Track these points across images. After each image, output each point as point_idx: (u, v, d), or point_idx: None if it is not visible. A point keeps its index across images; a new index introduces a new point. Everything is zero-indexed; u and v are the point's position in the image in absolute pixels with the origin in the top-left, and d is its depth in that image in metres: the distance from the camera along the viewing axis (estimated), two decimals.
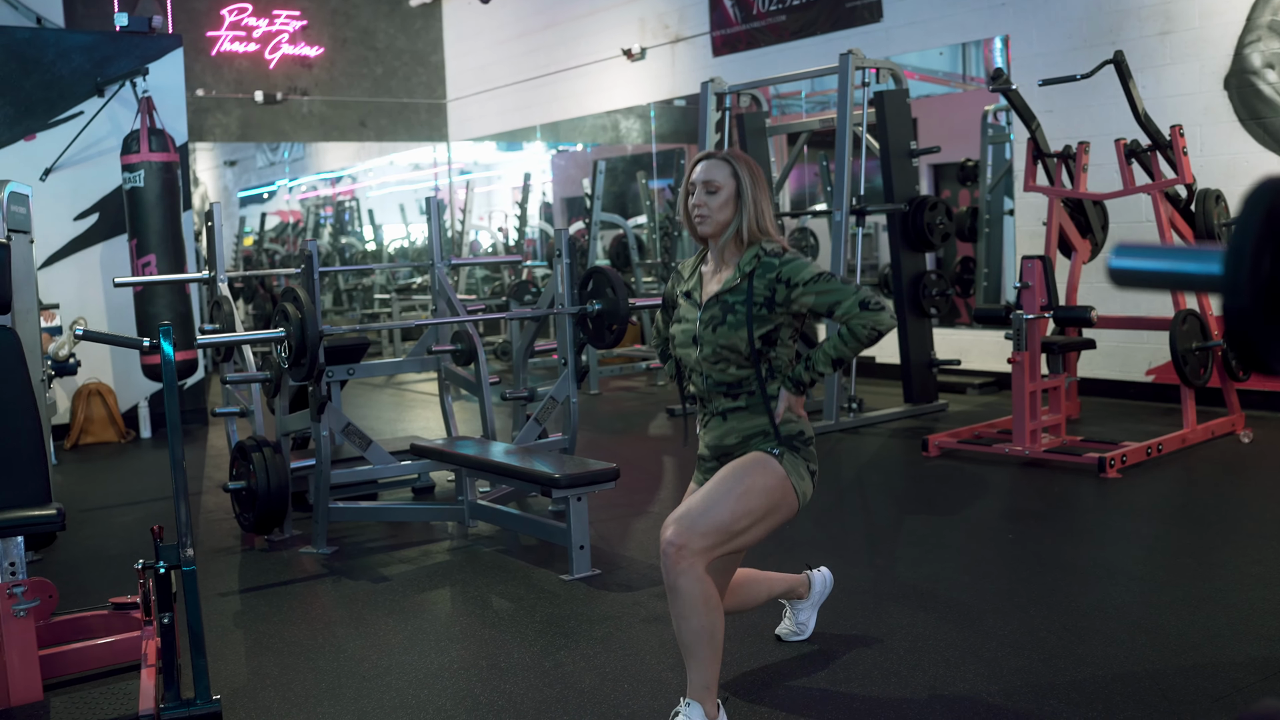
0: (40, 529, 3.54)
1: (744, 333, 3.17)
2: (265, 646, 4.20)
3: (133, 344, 4.12)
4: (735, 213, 3.24)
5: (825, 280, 3.14)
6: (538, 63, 14.03)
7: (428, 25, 15.34)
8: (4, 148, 8.91)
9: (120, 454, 8.58)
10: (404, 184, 17.85)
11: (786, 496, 3.21)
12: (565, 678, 3.74)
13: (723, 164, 3.25)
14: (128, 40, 9.35)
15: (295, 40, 14.44)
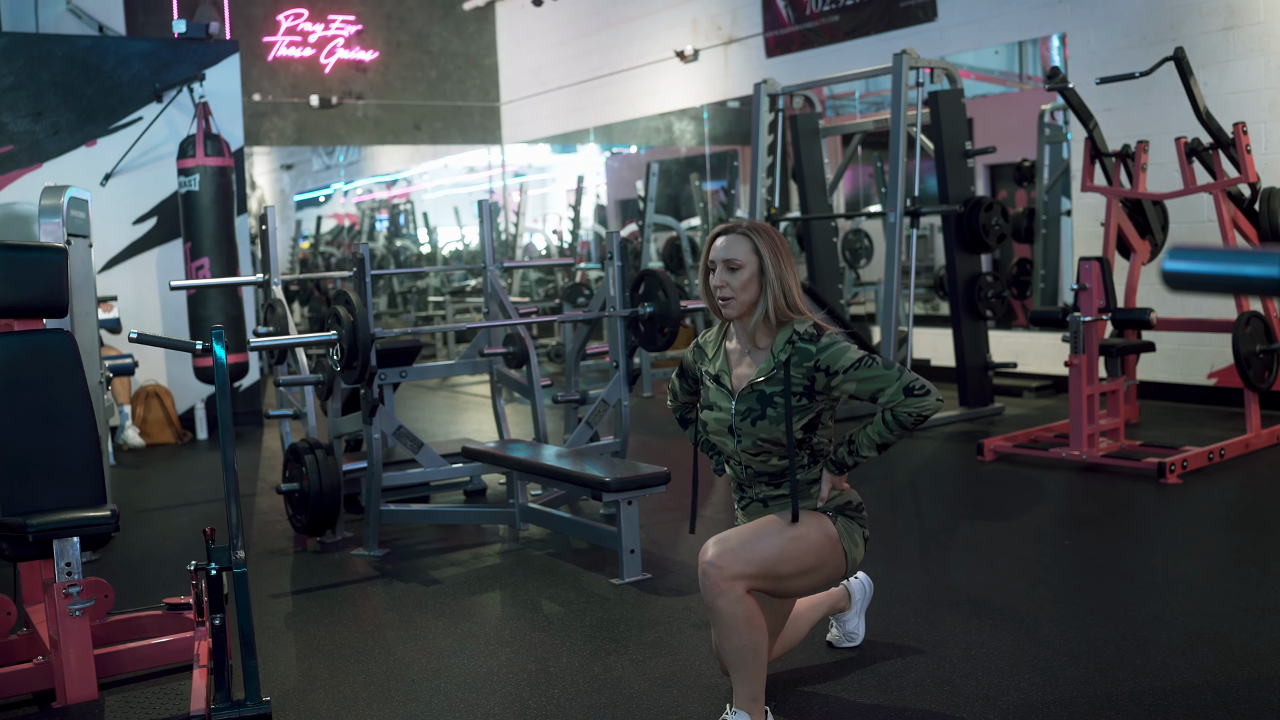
0: (95, 530, 3.58)
1: (784, 426, 3.08)
2: (316, 648, 4.22)
3: (185, 347, 4.15)
4: (760, 291, 3.10)
5: (867, 366, 3.04)
6: (591, 65, 14.03)
7: (481, 28, 15.39)
8: (66, 153, 9.04)
9: (176, 455, 8.66)
10: (458, 186, 17.92)
11: (835, 556, 3.17)
12: (614, 683, 3.72)
13: (742, 239, 3.11)
14: (186, 47, 9.45)
15: (350, 45, 14.53)
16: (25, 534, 3.50)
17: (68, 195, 5.73)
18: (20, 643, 4.13)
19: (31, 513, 3.61)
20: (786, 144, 9.22)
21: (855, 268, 10.89)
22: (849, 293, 10.62)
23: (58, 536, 3.53)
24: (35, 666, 3.90)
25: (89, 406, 3.89)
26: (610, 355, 5.76)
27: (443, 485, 6.37)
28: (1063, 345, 7.19)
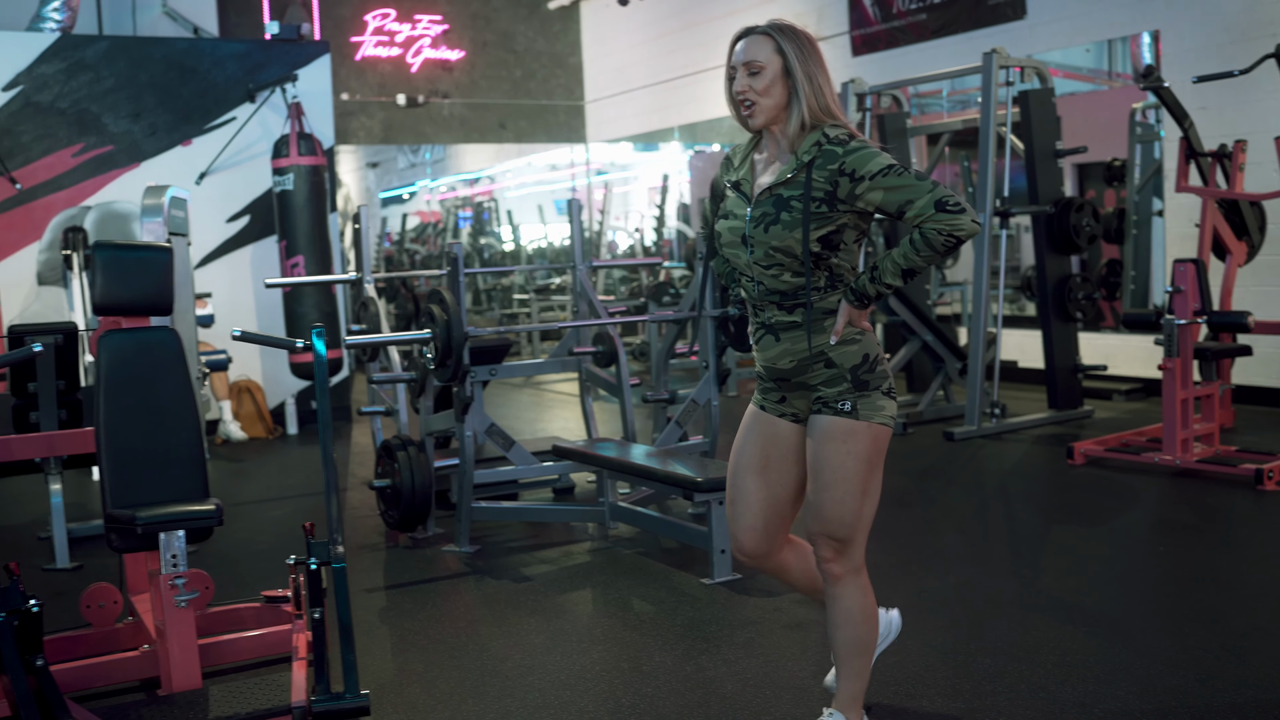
0: (200, 524, 3.66)
1: (799, 233, 2.77)
2: (410, 643, 4.28)
3: (286, 345, 4.23)
4: (787, 93, 2.80)
5: (897, 174, 2.71)
6: (675, 64, 14.04)
7: (566, 28, 15.46)
8: (163, 153, 9.24)
9: (268, 450, 8.81)
10: (541, 184, 18.02)
11: (879, 439, 2.90)
12: (707, 683, 3.74)
13: (764, 39, 2.80)
14: (278, 48, 9.62)
15: (437, 44, 14.67)
16: (134, 526, 3.58)
17: (169, 195, 5.87)
18: (126, 631, 4.25)
19: (138, 506, 3.69)
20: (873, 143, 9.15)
21: (941, 268, 10.79)
22: (935, 293, 10.53)
23: (164, 529, 3.62)
24: (141, 655, 4.01)
25: (193, 402, 3.98)
26: (700, 355, 5.78)
27: (531, 483, 6.42)
28: (1154, 348, 7.07)
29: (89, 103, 9.06)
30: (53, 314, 8.81)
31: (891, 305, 8.36)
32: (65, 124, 9.00)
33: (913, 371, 9.38)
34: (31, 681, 3.35)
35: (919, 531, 5.58)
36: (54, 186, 8.97)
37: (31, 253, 8.92)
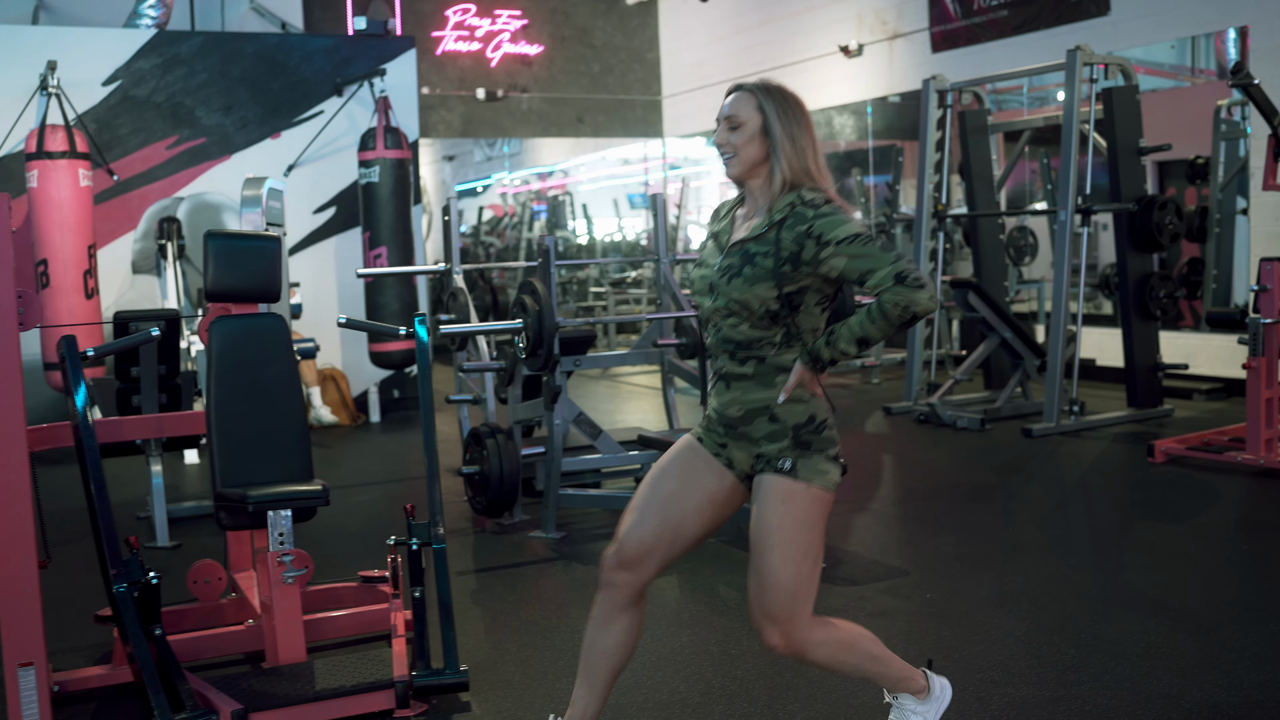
0: (308, 503, 3.80)
1: (761, 289, 2.75)
2: (503, 624, 4.40)
3: (389, 331, 4.36)
4: (765, 150, 2.84)
5: (862, 243, 2.70)
6: (753, 60, 14.09)
7: (644, 23, 15.56)
8: (253, 145, 9.46)
9: (351, 437, 9.00)
10: (613, 178, 18.14)
11: (820, 502, 2.82)
12: (795, 668, 3.82)
13: (748, 96, 2.87)
14: (365, 43, 9.81)
15: (516, 39, 14.82)
16: (245, 505, 3.73)
17: (267, 186, 6.05)
18: (230, 607, 4.41)
19: (247, 485, 3.84)
20: (954, 139, 9.17)
21: (1019, 265, 10.77)
22: (1013, 290, 10.52)
23: (274, 508, 3.76)
24: (246, 629, 4.17)
25: (298, 386, 4.12)
26: None
27: (613, 472, 6.53)
28: (1236, 347, 7.04)
29: (183, 96, 9.30)
30: (145, 301, 9.06)
31: (970, 302, 8.37)
32: (160, 117, 9.24)
33: (990, 368, 9.39)
34: (151, 649, 3.51)
35: (999, 526, 5.62)
36: (149, 178, 9.22)
37: (127, 242, 9.17)
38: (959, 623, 4.21)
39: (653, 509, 2.95)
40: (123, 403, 6.01)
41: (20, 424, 3.48)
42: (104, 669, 3.91)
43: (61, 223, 7.92)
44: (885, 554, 5.15)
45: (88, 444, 3.68)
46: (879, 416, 8.80)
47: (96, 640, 4.35)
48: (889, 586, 4.66)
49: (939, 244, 8.98)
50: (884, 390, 10.11)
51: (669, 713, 3.52)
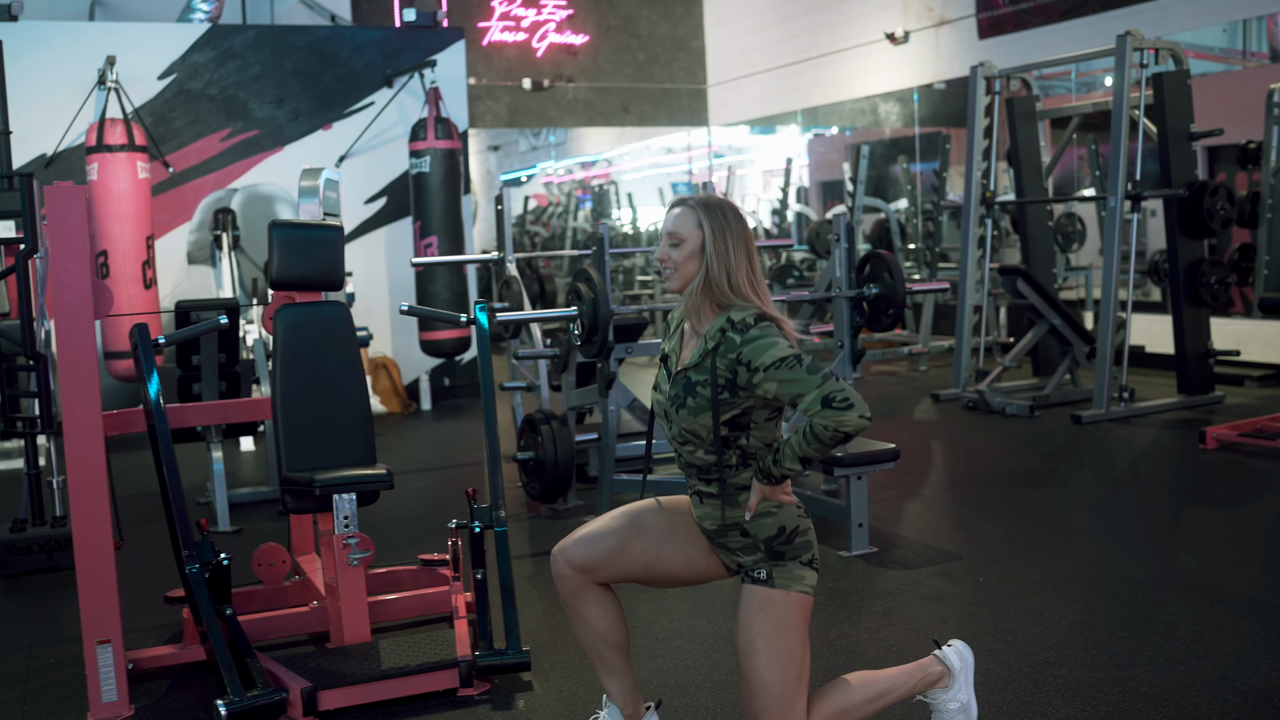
0: (373, 487, 3.88)
1: (705, 418, 2.81)
2: (558, 606, 4.46)
3: (451, 319, 4.44)
4: (703, 267, 2.86)
5: (789, 367, 2.71)
6: (799, 47, 14.09)
7: (689, 11, 15.58)
8: (305, 137, 9.58)
9: (403, 424, 9.11)
10: (657, 167, 18.18)
11: (799, 606, 2.85)
12: (850, 648, 3.88)
13: (689, 213, 2.86)
14: (415, 34, 9.90)
15: (561, 29, 14.89)
16: (312, 488, 3.82)
17: (323, 177, 6.14)
18: (294, 589, 4.51)
19: (312, 470, 3.93)
20: (1001, 125, 9.16)
21: (1067, 252, 10.74)
22: (1060, 277, 10.49)
23: (339, 491, 3.84)
24: (311, 610, 4.26)
25: (361, 373, 4.21)
26: (835, 335, 5.89)
27: (666, 457, 6.59)
28: None
29: (236, 89, 9.43)
30: (200, 291, 9.21)
31: (1019, 288, 8.37)
32: (214, 110, 9.38)
33: (1039, 355, 9.38)
34: (223, 628, 3.61)
35: (1049, 511, 5.64)
36: (203, 170, 9.35)
37: (183, 233, 9.32)
38: (1012, 605, 4.25)
39: (616, 529, 3.00)
40: (184, 390, 6.14)
41: (97, 410, 3.59)
42: (174, 648, 4.01)
43: (121, 214, 8.06)
44: (937, 538, 5.19)
45: (161, 430, 3.78)
46: (927, 404, 8.82)
47: (165, 621, 4.46)
48: (942, 570, 4.70)
49: (987, 231, 8.97)
50: (932, 377, 10.11)
51: (726, 692, 3.58)
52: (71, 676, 3.94)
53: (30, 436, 5.48)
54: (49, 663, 4.10)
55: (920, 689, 3.06)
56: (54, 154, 8.80)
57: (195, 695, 3.75)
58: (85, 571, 3.56)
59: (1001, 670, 3.64)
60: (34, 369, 5.39)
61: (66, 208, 3.62)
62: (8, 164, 5.53)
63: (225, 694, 3.42)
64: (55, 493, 5.59)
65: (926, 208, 12.17)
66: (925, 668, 3.08)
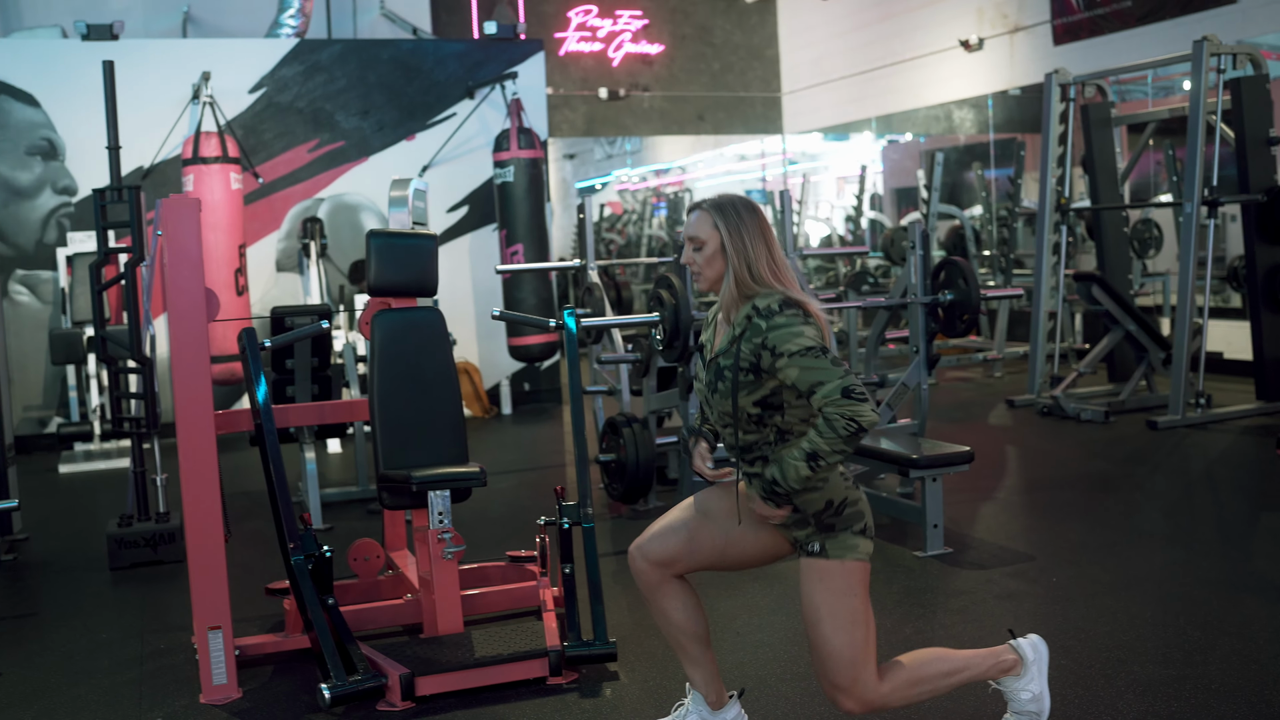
0: (467, 484, 4.06)
1: (739, 399, 2.94)
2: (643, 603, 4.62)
3: (540, 323, 4.62)
4: (726, 265, 2.99)
5: (813, 356, 2.81)
6: (873, 55, 14.17)
7: (764, 20, 15.71)
8: (389, 148, 9.85)
9: (485, 428, 9.32)
10: (730, 174, 18.29)
11: (855, 574, 2.95)
12: (924, 644, 3.98)
13: (704, 216, 3.01)
14: (495, 46, 10.13)
15: (637, 38, 15.08)
16: (408, 485, 4.00)
17: (412, 187, 6.36)
18: (387, 583, 4.70)
19: (408, 468, 4.12)
20: (1076, 131, 9.19)
21: (1143, 258, 10.72)
22: (1137, 283, 10.47)
23: (434, 488, 4.02)
24: (405, 603, 4.45)
25: (454, 375, 4.39)
26: (910, 340, 6.00)
27: None
28: None
29: (323, 102, 9.72)
30: (289, 298, 9.49)
31: (1094, 295, 8.40)
32: (302, 122, 9.67)
33: (1114, 361, 9.38)
34: (325, 617, 3.81)
35: (1124, 515, 5.70)
36: (291, 180, 9.65)
37: (271, 242, 9.61)
38: (1085, 605, 4.34)
39: (696, 523, 3.12)
40: (278, 393, 6.37)
41: (209, 409, 3.81)
42: (277, 636, 4.22)
43: (215, 224, 8.35)
44: (1011, 540, 5.28)
45: (267, 428, 3.99)
46: (1002, 409, 8.87)
47: (266, 612, 4.68)
48: (1015, 570, 4.79)
49: (1061, 237, 9.01)
50: (1006, 383, 10.15)
51: (805, 683, 3.71)
52: (182, 661, 4.16)
53: (137, 436, 5.74)
54: (160, 648, 4.33)
55: (993, 674, 3.16)
56: (151, 166, 9.13)
57: (298, 681, 3.95)
58: (197, 561, 3.77)
59: (1073, 666, 3.73)
60: (140, 372, 5.66)
61: (181, 218, 3.84)
62: (117, 177, 5.79)
63: (329, 678, 3.62)
64: (159, 490, 5.84)
65: (1001, 214, 12.19)
66: (999, 655, 3.18)
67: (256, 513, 6.23)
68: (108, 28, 9.13)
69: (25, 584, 5.45)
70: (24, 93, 9.09)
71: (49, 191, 9.18)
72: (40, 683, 4.08)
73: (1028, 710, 3.19)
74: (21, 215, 9.16)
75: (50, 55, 9.23)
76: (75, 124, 9.06)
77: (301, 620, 4.02)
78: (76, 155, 9.14)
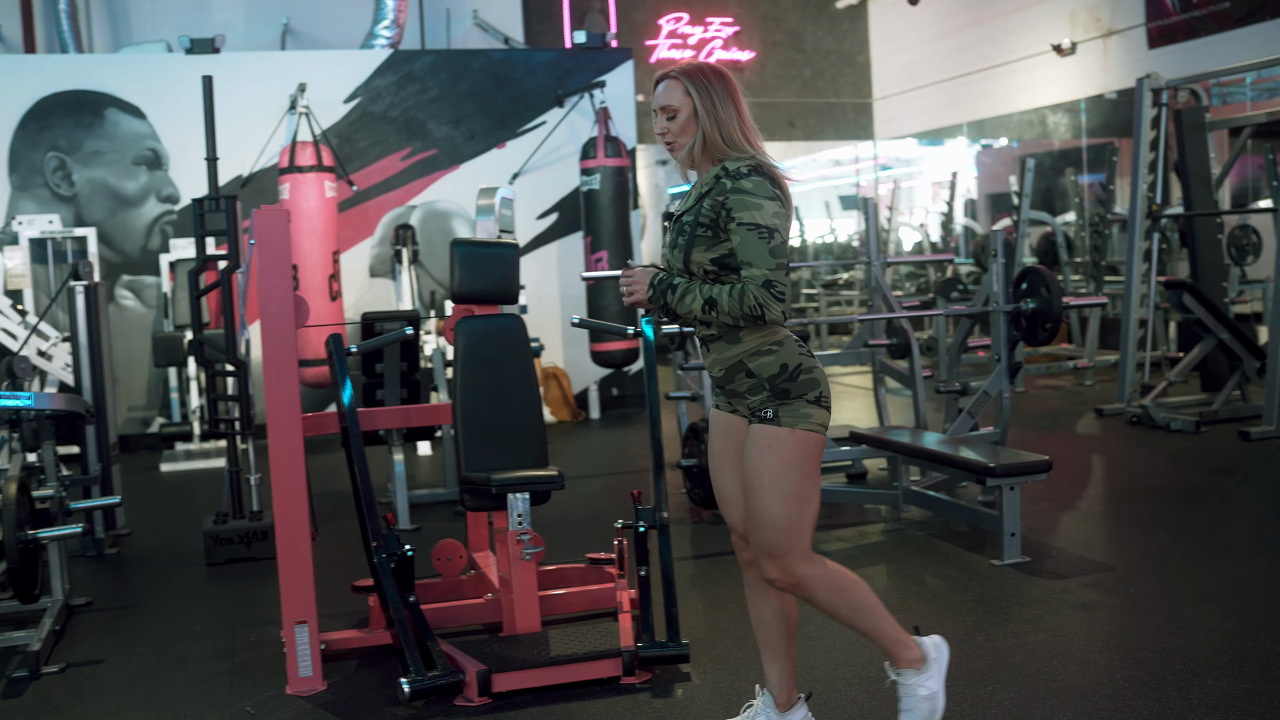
0: (545, 487, 4.16)
1: (695, 254, 2.95)
2: (720, 606, 4.69)
3: (618, 331, 4.71)
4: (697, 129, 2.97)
5: (758, 235, 2.85)
6: (964, 60, 14.09)
7: (854, 26, 15.69)
8: (479, 156, 10.02)
9: (572, 432, 9.44)
10: (824, 180, 18.27)
11: (807, 444, 2.96)
12: (996, 651, 4.00)
13: (674, 83, 2.99)
14: (585, 55, 10.26)
15: (728, 45, 15.15)
16: (488, 488, 4.11)
17: (499, 195, 6.49)
18: (469, 582, 4.82)
19: (489, 471, 4.23)
20: (1169, 135, 9.07)
21: (1241, 265, 10.54)
22: (1233, 291, 10.30)
23: (514, 491, 4.13)
24: (486, 603, 4.56)
25: (534, 381, 4.49)
26: (992, 349, 5.99)
27: (825, 467, 6.76)
28: None
29: (416, 111, 9.92)
30: (382, 303, 9.70)
31: (1185, 303, 8.28)
32: (395, 131, 9.88)
33: (1208, 370, 9.24)
34: (406, 614, 3.93)
35: (1210, 527, 5.64)
36: (385, 188, 9.87)
37: (365, 248, 9.84)
38: (1162, 617, 4.32)
39: (727, 484, 3.19)
40: (368, 396, 6.54)
41: (297, 410, 3.95)
42: (361, 632, 4.36)
43: (310, 231, 8.58)
44: (1091, 550, 5.26)
45: (353, 430, 4.12)
46: (1090, 418, 8.78)
47: (352, 608, 4.82)
48: (1093, 580, 4.78)
49: (1153, 244, 8.90)
50: (1096, 392, 10.04)
51: (874, 688, 3.74)
52: (271, 654, 4.31)
53: (232, 437, 5.94)
54: (250, 641, 4.49)
55: (898, 650, 3.17)
56: (249, 175, 9.40)
57: (381, 675, 4.08)
58: (285, 557, 3.92)
59: (1146, 678, 3.72)
60: (236, 375, 5.85)
61: (272, 227, 3.99)
62: (215, 186, 5.99)
63: (408, 673, 3.73)
64: (253, 489, 6.03)
65: (1094, 220, 12.06)
66: (908, 641, 3.20)
67: (347, 512, 6.39)
68: (210, 41, 9.43)
69: (126, 577, 5.67)
70: (131, 105, 9.42)
71: (153, 200, 9.50)
72: (138, 670, 4.26)
73: (921, 708, 3.20)
74: (128, 223, 9.49)
75: (156, 69, 9.55)
76: (178, 135, 9.38)
77: (384, 616, 4.15)
78: (179, 165, 9.45)
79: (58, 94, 9.34)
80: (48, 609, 4.71)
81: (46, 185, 9.35)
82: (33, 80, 9.32)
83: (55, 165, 9.37)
